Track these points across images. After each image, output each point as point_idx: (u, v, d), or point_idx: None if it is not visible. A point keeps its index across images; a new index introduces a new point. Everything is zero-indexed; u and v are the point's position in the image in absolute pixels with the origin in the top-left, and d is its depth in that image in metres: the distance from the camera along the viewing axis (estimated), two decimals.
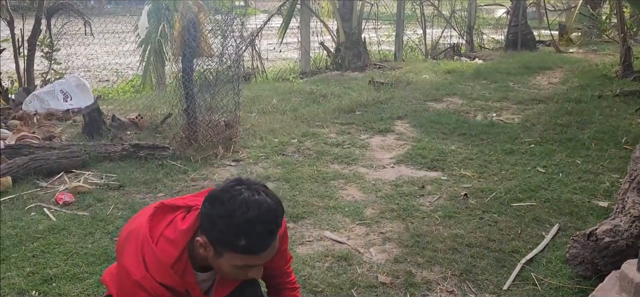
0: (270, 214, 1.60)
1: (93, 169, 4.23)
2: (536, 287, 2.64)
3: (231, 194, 1.59)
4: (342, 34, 9.69)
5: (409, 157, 4.58)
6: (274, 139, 5.02)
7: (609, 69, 8.48)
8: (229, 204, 1.57)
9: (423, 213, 3.49)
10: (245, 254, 1.60)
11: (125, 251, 1.66)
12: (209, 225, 1.60)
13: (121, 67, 8.48)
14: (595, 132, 5.14)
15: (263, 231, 1.59)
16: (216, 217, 1.58)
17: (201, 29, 4.59)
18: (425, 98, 6.79)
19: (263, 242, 1.60)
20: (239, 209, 1.56)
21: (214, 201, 1.60)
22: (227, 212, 1.56)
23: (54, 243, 3.07)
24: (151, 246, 1.63)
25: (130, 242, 1.67)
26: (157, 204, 1.72)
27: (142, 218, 1.70)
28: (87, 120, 5.07)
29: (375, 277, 2.75)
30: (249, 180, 1.66)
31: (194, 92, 4.69)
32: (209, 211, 1.60)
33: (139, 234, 1.66)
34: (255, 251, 1.61)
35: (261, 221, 1.57)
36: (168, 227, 1.68)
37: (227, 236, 1.57)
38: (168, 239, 1.65)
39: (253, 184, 1.64)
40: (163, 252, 1.63)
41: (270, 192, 1.65)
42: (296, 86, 7.72)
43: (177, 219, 1.70)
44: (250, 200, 1.57)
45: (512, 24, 12.04)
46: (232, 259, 1.61)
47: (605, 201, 3.60)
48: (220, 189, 1.62)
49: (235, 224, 1.56)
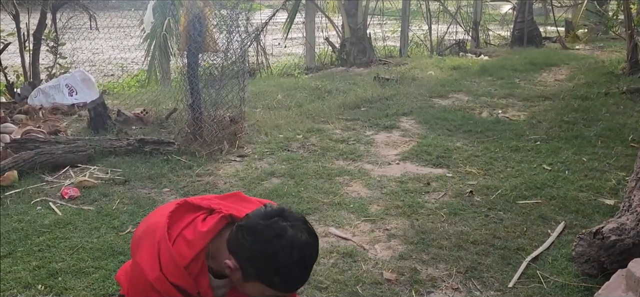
0: (312, 257, 1.57)
1: (98, 164, 4.24)
2: (542, 285, 2.63)
3: (275, 231, 1.52)
4: (347, 29, 9.66)
5: (414, 153, 4.57)
6: (279, 135, 5.02)
7: (615, 66, 8.43)
8: (274, 244, 1.51)
9: (428, 210, 3.48)
10: (275, 289, 1.57)
11: (141, 246, 1.62)
12: (246, 257, 1.54)
13: (126, 62, 8.49)
14: (602, 129, 5.12)
15: (302, 274, 1.56)
16: (257, 252, 1.52)
17: (206, 24, 4.58)
18: (431, 94, 6.77)
19: (298, 283, 1.58)
20: (282, 251, 1.50)
21: (255, 234, 1.53)
22: (270, 252, 1.51)
23: (60, 237, 3.08)
24: (168, 245, 1.59)
25: (147, 238, 1.63)
26: (181, 201, 1.68)
27: (162, 214, 1.66)
28: (92, 114, 5.08)
29: (380, 274, 2.75)
30: (291, 214, 1.58)
31: (199, 88, 4.69)
32: (249, 244, 1.53)
33: (156, 230, 1.62)
34: (289, 289, 1.59)
35: (303, 265, 1.55)
36: (188, 228, 1.63)
37: (264, 273, 1.53)
38: (186, 239, 1.61)
39: (296, 220, 1.57)
40: (179, 253, 1.59)
41: (311, 229, 1.60)
42: (301, 82, 7.71)
43: (198, 220, 1.65)
44: (295, 241, 1.51)
45: (518, 20, 11.98)
46: (261, 289, 1.58)
47: (612, 199, 3.58)
48: (262, 223, 1.54)
49: (276, 265, 1.52)
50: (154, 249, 1.60)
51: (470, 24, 12.31)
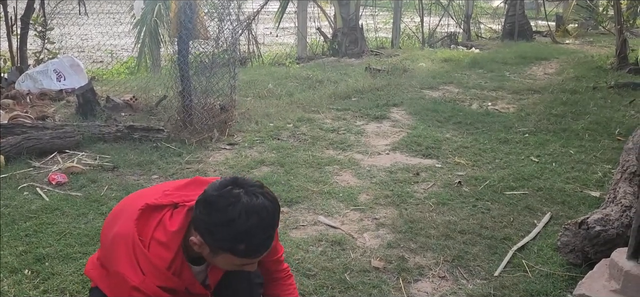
0: (269, 219, 1.57)
1: (87, 150, 4.21)
2: (527, 273, 2.67)
3: (229, 200, 1.53)
4: (339, 19, 9.65)
5: (404, 144, 4.59)
6: (269, 124, 5.01)
7: (604, 60, 8.50)
8: (229, 212, 1.52)
9: (417, 200, 3.50)
10: (244, 257, 1.59)
11: (116, 256, 1.62)
12: (206, 231, 1.55)
13: (116, 48, 8.42)
14: (589, 123, 5.17)
15: (263, 237, 1.57)
16: (215, 224, 1.53)
17: (197, 11, 4.55)
18: (422, 86, 6.79)
19: (262, 246, 1.59)
20: (239, 218, 1.51)
21: (211, 207, 1.54)
22: (226, 221, 1.52)
23: (47, 223, 3.06)
24: (144, 251, 1.59)
25: (119, 247, 1.62)
26: (142, 206, 1.66)
27: (127, 222, 1.65)
28: (80, 100, 5.04)
29: (368, 261, 2.77)
30: (245, 180, 1.60)
31: (190, 75, 4.66)
32: (206, 218, 1.54)
33: (127, 238, 1.61)
34: (254, 254, 1.61)
35: (262, 227, 1.55)
36: (157, 229, 1.63)
37: (227, 243, 1.55)
38: (160, 242, 1.61)
39: (250, 186, 1.58)
40: (157, 257, 1.60)
41: (268, 192, 1.61)
42: (292, 71, 7.69)
43: (165, 219, 1.65)
44: (250, 206, 1.53)
45: (510, 14, 12.04)
46: (230, 259, 1.60)
47: (597, 191, 3.62)
48: (216, 194, 1.55)
49: (236, 232, 1.53)
50: (131, 257, 1.60)
51: (462, 16, 12.34)
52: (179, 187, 1.76)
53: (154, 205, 1.68)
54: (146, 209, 1.66)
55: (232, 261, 1.61)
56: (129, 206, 1.74)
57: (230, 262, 1.62)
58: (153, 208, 1.67)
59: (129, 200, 1.83)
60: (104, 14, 8.23)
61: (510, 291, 2.53)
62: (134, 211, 1.66)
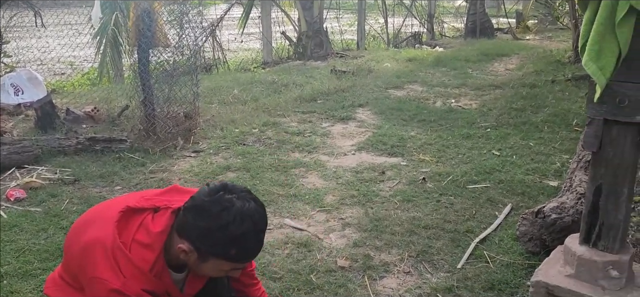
0: (261, 223, 1.60)
1: (46, 164, 4.12)
2: (488, 264, 2.73)
3: (222, 205, 1.54)
4: (303, 23, 9.67)
5: (370, 143, 4.63)
6: (234, 129, 4.99)
7: (562, 54, 8.76)
8: (223, 217, 1.53)
9: (382, 198, 3.54)
10: (235, 262, 1.61)
11: (91, 262, 1.58)
12: (198, 236, 1.55)
13: (77, 60, 8.24)
14: (548, 115, 5.31)
15: (255, 241, 1.60)
16: (208, 229, 1.54)
17: (156, 18, 4.50)
18: (387, 86, 6.86)
19: (254, 251, 1.62)
20: (233, 223, 1.53)
21: (203, 212, 1.55)
22: (220, 226, 1.53)
23: (5, 240, 2.97)
24: (125, 254, 1.57)
25: (94, 253, 1.58)
26: (122, 208, 1.65)
27: (104, 226, 1.62)
28: (39, 114, 4.92)
29: (334, 261, 2.78)
30: (234, 186, 1.61)
31: (151, 84, 4.61)
32: (199, 223, 1.55)
33: (105, 242, 1.58)
34: (245, 259, 1.63)
35: (254, 231, 1.58)
36: (139, 231, 1.62)
37: (219, 248, 1.56)
38: (142, 243, 1.60)
39: (240, 191, 1.60)
40: (139, 258, 1.58)
41: (256, 198, 1.63)
42: (258, 76, 7.68)
43: (147, 221, 1.64)
44: (243, 211, 1.55)
45: (471, 12, 12.27)
46: (219, 265, 1.61)
47: (556, 181, 3.73)
48: (207, 199, 1.56)
49: (230, 237, 1.54)
50: (110, 261, 1.57)
51: (425, 16, 12.53)
52: (158, 193, 1.75)
53: (135, 208, 1.66)
54: (127, 211, 1.65)
55: (222, 267, 1.62)
56: (100, 214, 1.71)
57: (219, 268, 1.62)
58: (134, 211, 1.66)
59: (98, 209, 1.80)
60: (63, 26, 8.04)
61: (473, 282, 2.58)
62: (112, 215, 1.63)
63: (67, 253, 1.74)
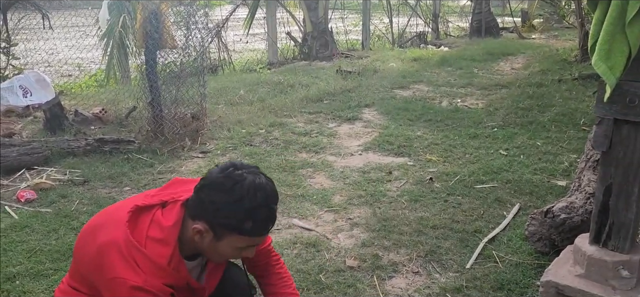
0: (273, 195, 1.64)
1: (56, 165, 4.15)
2: (497, 264, 2.73)
3: (235, 179, 1.58)
4: (308, 24, 9.68)
5: (376, 144, 4.64)
6: (241, 130, 5.00)
7: (568, 53, 8.73)
8: (236, 190, 1.57)
9: (390, 198, 3.55)
10: (250, 236, 1.63)
11: (107, 264, 1.58)
12: (213, 212, 1.58)
13: (84, 62, 8.28)
14: (555, 114, 5.30)
15: (269, 213, 1.63)
16: (223, 203, 1.57)
17: (163, 20, 4.53)
18: (392, 86, 6.86)
19: (268, 223, 1.65)
20: (247, 196, 1.56)
21: (217, 187, 1.58)
22: (235, 198, 1.56)
23: (17, 241, 3.00)
24: (141, 251, 1.58)
25: (109, 255, 1.59)
26: (131, 208, 1.66)
27: (115, 228, 1.63)
28: (48, 115, 4.95)
29: (342, 261, 2.79)
30: (242, 163, 1.65)
31: (159, 85, 4.63)
32: (213, 198, 1.58)
33: (119, 243, 1.59)
34: (260, 232, 1.65)
35: (267, 204, 1.61)
36: (151, 228, 1.63)
37: (234, 221, 1.58)
38: (156, 239, 1.61)
39: (249, 167, 1.64)
40: (155, 254, 1.59)
41: (264, 174, 1.67)
42: (263, 77, 7.69)
43: (157, 216, 1.65)
44: (256, 184, 1.59)
45: (476, 11, 12.25)
46: (235, 241, 1.63)
47: (564, 180, 3.73)
48: (221, 176, 1.60)
49: (245, 209, 1.57)
50: (127, 260, 1.57)
51: (430, 16, 12.52)
52: (161, 189, 1.77)
53: (143, 206, 1.68)
54: (135, 210, 1.66)
55: (237, 243, 1.64)
56: (108, 217, 1.72)
57: (235, 245, 1.64)
58: (142, 209, 1.67)
59: (106, 213, 1.81)
60: (70, 28, 8.08)
61: (482, 282, 2.59)
62: (121, 216, 1.65)
63: (78, 258, 1.74)
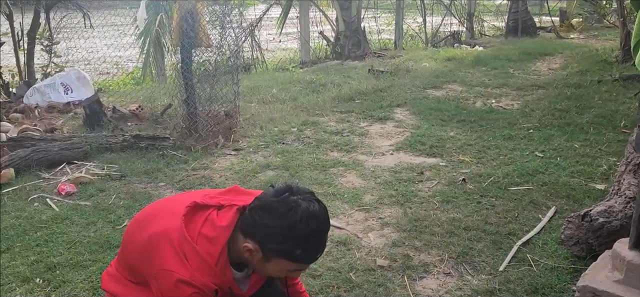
0: (325, 225, 1.65)
1: (94, 160, 4.27)
2: (531, 268, 2.68)
3: (289, 205, 1.59)
4: (341, 23, 9.69)
5: (408, 144, 4.61)
6: (273, 128, 5.05)
7: (609, 54, 8.47)
8: (290, 217, 1.57)
9: (421, 198, 3.52)
10: (298, 262, 1.64)
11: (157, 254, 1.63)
12: (264, 235, 1.60)
13: (121, 60, 8.50)
14: (594, 116, 5.16)
15: (320, 243, 1.64)
16: (275, 228, 1.58)
17: (199, 19, 4.61)
18: (425, 85, 6.80)
19: (317, 252, 1.65)
20: (299, 223, 1.57)
21: (271, 211, 1.60)
22: (288, 225, 1.57)
23: (57, 232, 3.11)
24: (192, 246, 1.62)
25: (160, 245, 1.64)
26: (190, 203, 1.71)
27: (170, 220, 1.68)
28: (87, 112, 5.11)
29: (373, 260, 2.79)
30: (299, 188, 1.66)
31: (194, 83, 4.72)
32: (266, 222, 1.59)
33: (172, 235, 1.64)
34: (309, 260, 1.66)
35: (319, 232, 1.62)
36: (204, 225, 1.66)
37: (285, 247, 1.59)
38: (208, 237, 1.64)
39: (305, 193, 1.65)
40: (205, 251, 1.62)
41: (319, 200, 1.67)
42: (296, 76, 7.74)
43: (212, 216, 1.68)
44: (309, 212, 1.59)
45: (513, 10, 12.02)
46: (283, 265, 1.64)
47: (602, 184, 3.63)
48: (275, 199, 1.61)
49: (296, 237, 1.58)
50: (178, 253, 1.62)
51: (464, 15, 12.34)
52: (220, 192, 1.80)
53: (201, 204, 1.72)
54: (194, 206, 1.70)
55: (285, 267, 1.65)
56: (163, 209, 1.78)
57: (282, 268, 1.66)
58: (200, 207, 1.71)
59: (160, 205, 1.88)
60: (109, 27, 8.31)
61: (515, 285, 2.54)
62: (178, 209, 1.69)
63: (127, 247, 1.79)
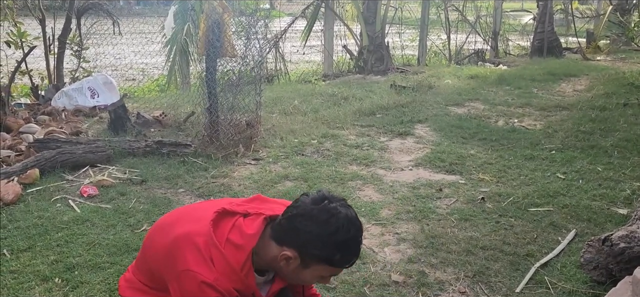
0: (361, 230, 1.71)
1: (117, 164, 4.35)
2: (549, 290, 2.64)
3: (330, 212, 1.64)
4: (365, 37, 9.72)
5: (428, 160, 4.59)
6: (294, 139, 5.08)
7: (636, 77, 8.32)
8: (332, 223, 1.63)
9: (439, 215, 3.50)
10: (336, 266, 1.69)
11: (181, 256, 1.66)
12: (306, 242, 1.64)
13: (147, 67, 8.67)
14: (619, 140, 5.06)
15: (357, 247, 1.69)
16: (317, 235, 1.63)
17: (225, 29, 4.68)
18: (447, 103, 6.77)
19: (355, 256, 1.70)
20: (341, 229, 1.63)
21: (312, 218, 1.64)
22: (330, 231, 1.62)
23: (78, 233, 3.17)
24: (220, 250, 1.65)
25: (185, 248, 1.67)
26: (219, 209, 1.75)
27: (197, 224, 1.71)
28: (112, 116, 5.21)
29: (388, 276, 2.78)
30: (334, 196, 1.71)
31: (217, 92, 4.78)
32: (309, 228, 1.64)
33: (198, 238, 1.67)
34: (347, 264, 1.70)
35: (357, 238, 1.68)
36: (232, 232, 1.70)
37: (325, 252, 1.64)
38: (235, 243, 1.68)
39: (341, 200, 1.70)
40: (232, 257, 1.66)
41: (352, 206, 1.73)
42: (318, 88, 7.78)
43: (239, 223, 1.72)
44: (349, 218, 1.66)
45: (538, 30, 11.88)
46: (320, 270, 1.69)
47: (625, 209, 3.55)
48: (316, 208, 1.66)
49: (337, 242, 1.63)
50: (203, 256, 1.65)
51: (489, 33, 12.26)
52: (245, 201, 1.85)
53: (229, 210, 1.76)
54: (222, 212, 1.75)
55: (321, 272, 1.70)
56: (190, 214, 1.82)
57: (319, 273, 1.70)
58: (227, 213, 1.75)
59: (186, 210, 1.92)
60: (137, 34, 8.51)
61: None
62: (206, 214, 1.73)
63: (149, 250, 1.82)
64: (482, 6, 12.61)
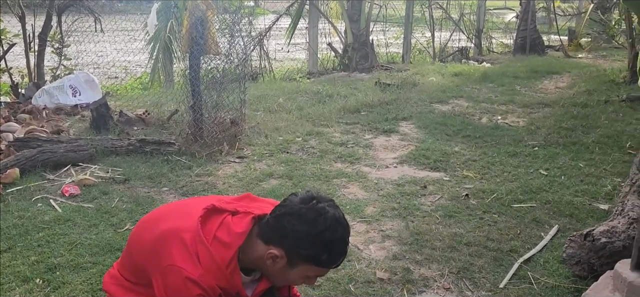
0: (348, 231, 1.71)
1: (99, 163, 4.30)
2: (532, 285, 2.66)
3: (318, 211, 1.65)
4: (350, 35, 9.73)
5: (412, 157, 4.61)
6: (278, 137, 5.06)
7: (617, 74, 8.44)
8: (320, 223, 1.63)
9: (424, 212, 3.52)
10: (322, 266, 1.69)
11: (166, 252, 1.65)
12: (293, 241, 1.64)
13: (130, 65, 8.57)
14: (600, 136, 5.14)
15: (344, 248, 1.69)
16: (305, 234, 1.63)
17: (209, 27, 4.64)
18: (431, 100, 6.80)
19: (341, 256, 1.70)
20: (328, 229, 1.63)
21: (300, 218, 1.64)
22: (318, 231, 1.63)
23: (59, 233, 3.13)
24: (207, 246, 1.64)
25: (171, 243, 1.65)
26: (208, 206, 1.73)
27: (185, 220, 1.70)
28: (94, 115, 5.14)
29: (373, 273, 2.78)
30: (322, 196, 1.71)
31: (201, 90, 4.74)
32: (296, 228, 1.63)
33: (185, 234, 1.66)
34: (333, 264, 1.70)
35: (344, 238, 1.68)
36: (220, 229, 1.69)
37: (312, 252, 1.64)
38: (222, 241, 1.67)
39: (329, 201, 1.70)
40: (219, 255, 1.65)
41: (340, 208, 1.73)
42: (303, 86, 7.76)
43: (227, 221, 1.71)
44: (336, 218, 1.66)
45: (521, 28, 12.01)
46: (306, 270, 1.69)
47: (606, 204, 3.60)
48: (305, 207, 1.66)
49: (324, 242, 1.63)
50: (189, 251, 1.63)
51: (473, 31, 12.35)
52: (234, 199, 1.84)
53: (218, 208, 1.75)
54: (211, 209, 1.73)
55: (307, 272, 1.70)
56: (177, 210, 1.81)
57: (304, 273, 1.70)
58: (216, 210, 1.74)
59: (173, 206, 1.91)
60: (120, 32, 8.40)
61: None
62: (194, 211, 1.72)
63: (134, 245, 1.80)
64: (466, 4, 12.69)
